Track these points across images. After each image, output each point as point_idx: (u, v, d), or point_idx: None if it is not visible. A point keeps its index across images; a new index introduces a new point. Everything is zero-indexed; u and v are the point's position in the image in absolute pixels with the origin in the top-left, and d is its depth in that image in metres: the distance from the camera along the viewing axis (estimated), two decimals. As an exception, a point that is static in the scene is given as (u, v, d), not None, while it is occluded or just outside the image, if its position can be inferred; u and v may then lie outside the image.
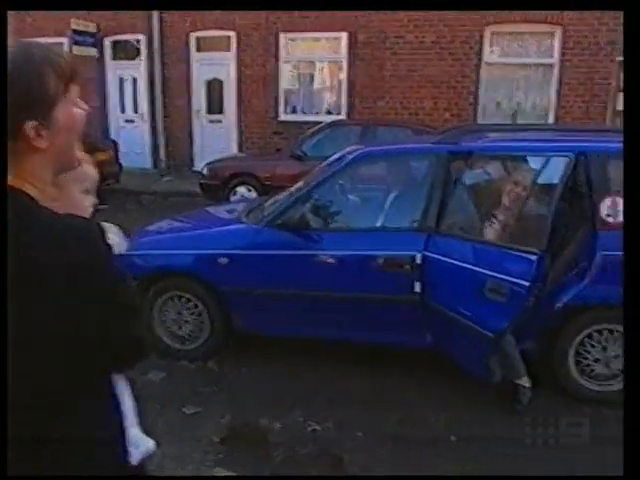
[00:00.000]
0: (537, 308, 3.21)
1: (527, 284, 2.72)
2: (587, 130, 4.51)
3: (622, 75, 9.88)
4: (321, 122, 9.40)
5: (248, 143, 11.70)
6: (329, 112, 11.24)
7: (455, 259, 3.17)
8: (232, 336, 3.90)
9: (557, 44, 9.90)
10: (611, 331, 3.36)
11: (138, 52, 11.92)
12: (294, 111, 11.50)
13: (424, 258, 3.38)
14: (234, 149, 11.66)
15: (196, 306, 3.86)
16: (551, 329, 3.41)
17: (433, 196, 3.46)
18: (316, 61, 11.23)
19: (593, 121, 9.63)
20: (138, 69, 11.99)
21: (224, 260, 3.67)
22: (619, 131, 4.35)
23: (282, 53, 11.19)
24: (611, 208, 3.23)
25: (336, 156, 4.00)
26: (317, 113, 11.31)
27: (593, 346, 3.39)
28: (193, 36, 11.61)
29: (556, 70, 9.94)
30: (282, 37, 11.11)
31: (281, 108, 11.47)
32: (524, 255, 2.73)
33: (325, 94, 11.36)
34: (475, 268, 2.96)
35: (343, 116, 10.92)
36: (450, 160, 3.47)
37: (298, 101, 11.48)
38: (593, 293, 3.27)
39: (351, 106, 10.90)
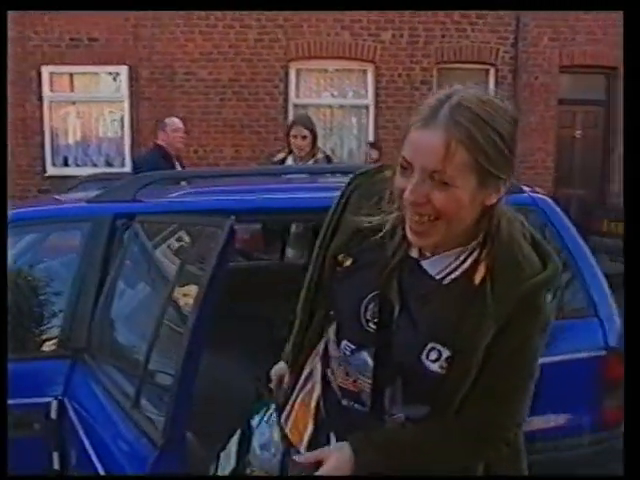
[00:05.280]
0: None
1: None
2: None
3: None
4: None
5: (9, 204, 9.70)
6: (109, 164, 9.69)
7: (105, 419, 1.77)
8: None
9: (371, 83, 9.38)
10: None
11: None
12: (66, 163, 9.78)
13: (62, 410, 1.95)
14: (-11, 213, 9.62)
15: None
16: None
17: (84, 291, 2.07)
18: (89, 101, 9.69)
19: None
20: None
21: None
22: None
23: (45, 91, 9.53)
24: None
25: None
26: (95, 165, 9.69)
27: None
28: None
29: (372, 112, 9.37)
30: (45, 71, 9.47)
31: (48, 160, 9.71)
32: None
33: (103, 141, 9.81)
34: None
35: (127, 169, 9.43)
36: (117, 228, 2.14)
37: (70, 151, 9.79)
38: None
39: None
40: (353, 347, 1.24)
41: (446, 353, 1.15)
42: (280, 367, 1.51)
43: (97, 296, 2.06)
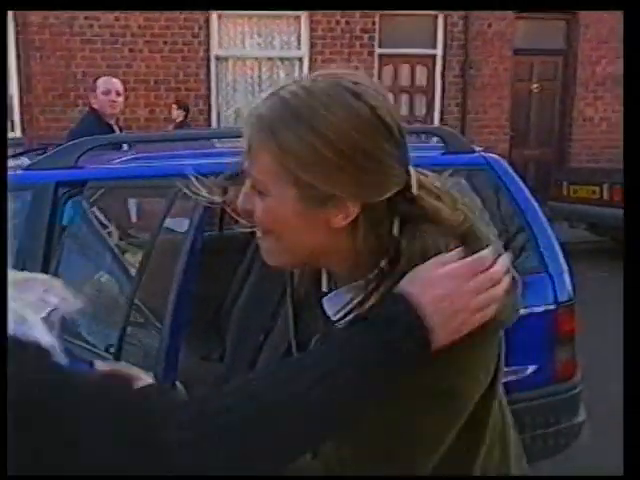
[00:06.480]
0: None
1: None
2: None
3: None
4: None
5: None
6: (-5, 128, 9.62)
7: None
8: None
9: (305, 32, 9.67)
10: None
11: None
12: (-59, 128, 9.64)
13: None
14: None
15: None
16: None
17: (29, 264, 2.34)
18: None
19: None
20: None
21: None
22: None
23: None
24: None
25: None
26: (-23, 130, 9.60)
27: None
28: None
29: (306, 65, 9.69)
30: None
31: None
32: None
33: (-13, 102, 9.70)
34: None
35: (17, 133, 9.41)
36: (62, 197, 2.40)
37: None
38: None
39: (29, 119, 9.41)
40: None
41: None
42: None
43: (44, 268, 2.32)
